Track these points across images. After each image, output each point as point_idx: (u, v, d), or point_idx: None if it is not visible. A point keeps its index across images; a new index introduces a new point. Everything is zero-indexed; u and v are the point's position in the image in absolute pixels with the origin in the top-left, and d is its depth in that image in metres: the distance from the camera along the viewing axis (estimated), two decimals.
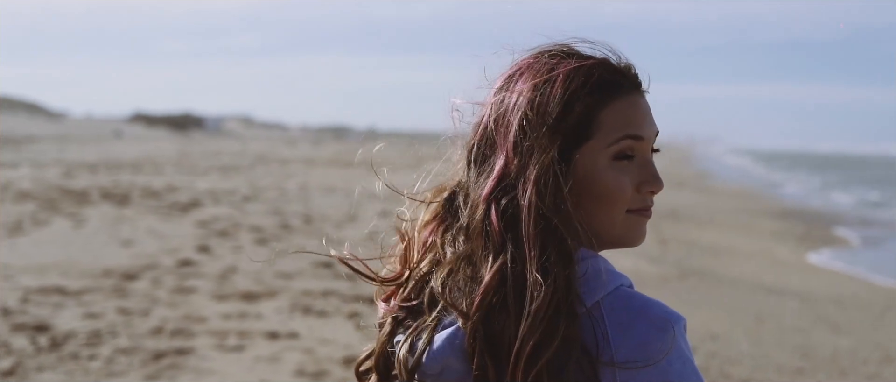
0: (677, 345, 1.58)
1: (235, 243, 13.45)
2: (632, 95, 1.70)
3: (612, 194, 1.66)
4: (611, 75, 1.69)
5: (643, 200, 1.70)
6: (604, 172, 1.66)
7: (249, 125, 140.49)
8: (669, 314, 1.60)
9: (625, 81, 1.70)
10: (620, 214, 1.68)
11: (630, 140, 1.67)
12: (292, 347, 8.30)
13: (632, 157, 1.68)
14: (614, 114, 1.67)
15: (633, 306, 1.60)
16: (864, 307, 12.68)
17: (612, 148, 1.67)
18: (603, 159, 1.66)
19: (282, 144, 68.81)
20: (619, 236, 1.70)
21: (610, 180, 1.65)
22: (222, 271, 11.30)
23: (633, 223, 1.70)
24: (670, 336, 1.58)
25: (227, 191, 21.13)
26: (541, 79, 1.68)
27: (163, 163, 31.83)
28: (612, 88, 1.68)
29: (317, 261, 12.23)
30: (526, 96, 1.67)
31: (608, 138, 1.66)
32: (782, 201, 35.06)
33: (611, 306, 1.60)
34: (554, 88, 1.66)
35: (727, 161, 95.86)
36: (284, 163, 37.63)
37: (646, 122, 1.70)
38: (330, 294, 10.30)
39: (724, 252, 17.43)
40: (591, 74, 1.68)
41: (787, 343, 9.95)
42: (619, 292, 1.62)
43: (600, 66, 1.70)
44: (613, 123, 1.67)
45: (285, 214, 17.32)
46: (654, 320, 1.59)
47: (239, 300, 9.87)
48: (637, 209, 1.70)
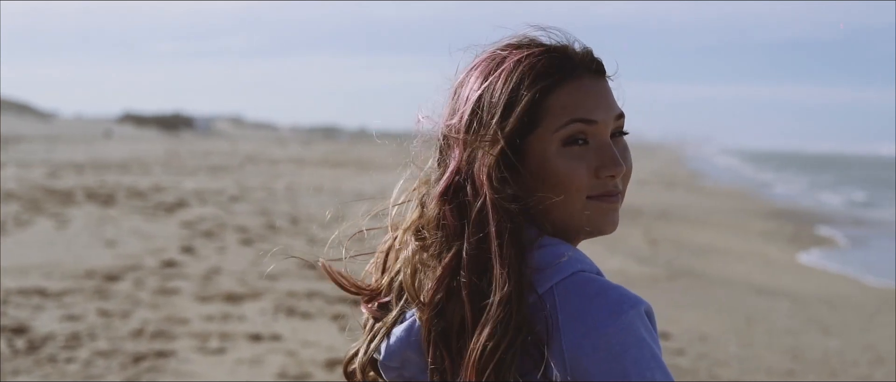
0: (633, 330, 1.54)
1: (220, 243, 13.31)
2: (582, 78, 1.68)
3: (565, 180, 1.64)
4: (558, 61, 1.68)
5: (603, 185, 1.66)
6: (554, 158, 1.64)
7: (240, 126, 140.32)
8: (625, 297, 1.57)
9: (575, 66, 1.68)
10: (580, 201, 1.65)
11: (579, 124, 1.65)
12: (275, 349, 8.16)
13: (586, 141, 1.66)
14: (561, 99, 1.66)
15: (588, 291, 1.57)
16: (855, 307, 12.58)
17: (560, 133, 1.65)
18: (553, 145, 1.65)
19: (272, 144, 68.65)
20: (583, 224, 1.67)
21: (561, 166, 1.64)
22: (206, 272, 11.16)
23: (596, 210, 1.66)
24: (624, 319, 1.54)
25: (214, 191, 20.97)
26: (489, 73, 1.68)
27: (151, 163, 31.65)
28: (560, 74, 1.67)
29: (302, 262, 12.09)
30: (475, 91, 1.68)
31: (556, 123, 1.65)
32: (773, 202, 34.98)
33: (565, 291, 1.58)
34: (499, 80, 1.66)
35: (719, 161, 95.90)
36: (273, 163, 37.47)
37: (598, 104, 1.67)
38: (314, 296, 10.17)
39: (714, 253, 17.33)
40: (538, 62, 1.67)
41: (778, 345, 9.84)
42: (575, 277, 1.59)
43: (548, 52, 1.69)
44: (560, 108, 1.65)
45: (272, 214, 17.17)
46: (606, 304, 1.55)
47: (222, 301, 9.72)
48: (598, 195, 1.66)
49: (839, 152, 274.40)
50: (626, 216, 21.69)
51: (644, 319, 1.57)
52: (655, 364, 1.54)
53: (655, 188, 36.05)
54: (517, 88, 1.65)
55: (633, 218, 21.94)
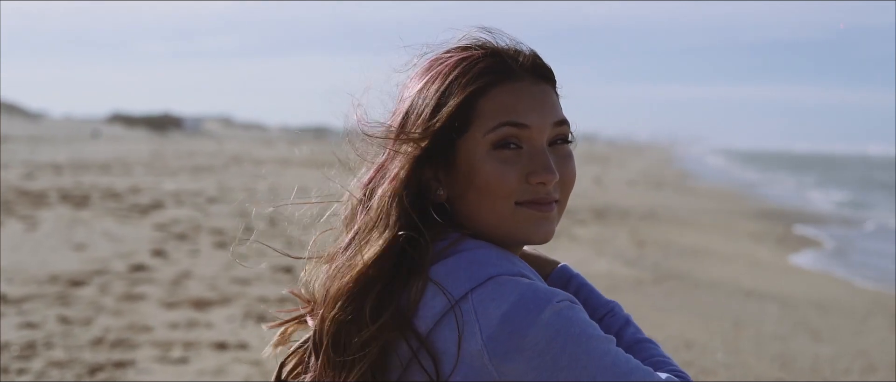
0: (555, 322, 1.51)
1: (193, 246, 12.93)
2: (519, 82, 1.65)
3: (491, 184, 1.61)
4: (495, 64, 1.65)
5: (534, 191, 1.63)
6: (482, 161, 1.62)
7: (229, 126, 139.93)
8: (541, 292, 1.53)
9: (511, 69, 1.65)
10: (507, 206, 1.62)
11: (510, 128, 1.62)
12: (240, 359, 7.80)
13: (519, 146, 1.63)
14: (493, 102, 1.63)
15: (504, 292, 1.53)
16: (846, 311, 12.25)
17: (489, 136, 1.62)
18: (481, 148, 1.62)
19: (259, 144, 68.27)
20: (510, 232, 1.64)
21: (488, 169, 1.61)
22: (175, 276, 10.78)
23: (524, 218, 1.63)
24: (544, 316, 1.50)
25: (192, 192, 20.56)
26: (427, 74, 1.69)
27: (133, 164, 31.23)
28: (495, 76, 1.64)
29: (276, 265, 11.73)
30: (412, 92, 1.69)
31: (486, 126, 1.62)
32: (763, 202, 34.74)
33: (481, 297, 1.54)
34: (435, 81, 1.66)
35: (708, 161, 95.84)
36: (258, 163, 37.07)
37: (534, 109, 1.63)
38: (287, 301, 9.78)
39: (702, 254, 17.01)
40: (474, 65, 1.65)
41: (766, 352, 9.50)
42: (492, 280, 1.56)
43: (486, 56, 1.67)
44: (491, 111, 1.63)
45: (250, 216, 16.78)
46: (525, 302, 1.52)
47: (189, 307, 9.35)
48: (527, 202, 1.63)
49: (829, 151, 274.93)
50: (614, 217, 21.39)
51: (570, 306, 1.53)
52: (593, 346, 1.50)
53: (644, 189, 35.76)
54: (449, 89, 1.64)
55: (621, 219, 21.63)
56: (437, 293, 1.58)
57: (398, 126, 1.69)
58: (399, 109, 1.71)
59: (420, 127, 1.66)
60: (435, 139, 1.65)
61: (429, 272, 1.60)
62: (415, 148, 1.65)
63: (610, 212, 21.84)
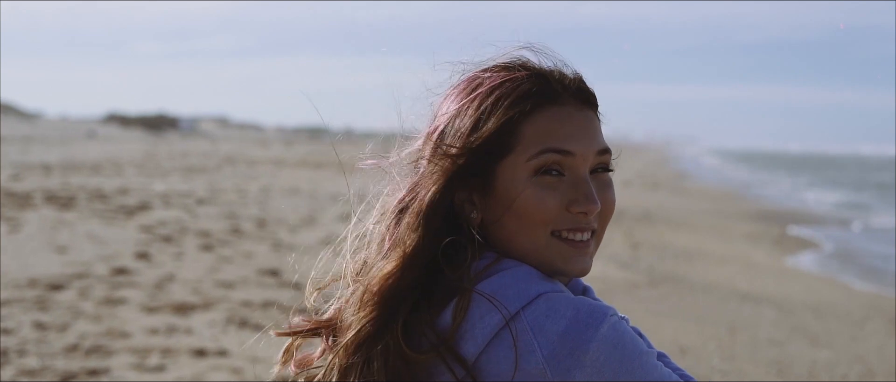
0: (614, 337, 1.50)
1: (178, 249, 12.67)
2: (564, 107, 1.60)
3: (531, 210, 1.58)
4: (540, 86, 1.61)
5: (574, 220, 1.59)
6: (523, 187, 1.58)
7: (225, 126, 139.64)
8: (598, 307, 1.52)
9: (556, 93, 1.61)
10: (543, 235, 1.59)
11: (553, 154, 1.58)
12: (219, 366, 7.56)
13: (561, 173, 1.59)
14: (537, 126, 1.59)
15: (558, 308, 1.51)
16: (843, 315, 12.04)
17: (532, 162, 1.58)
18: (523, 173, 1.59)
19: (254, 144, 68.04)
20: (546, 260, 1.60)
21: (529, 195, 1.58)
22: (158, 280, 10.53)
23: (557, 250, 1.60)
24: (603, 330, 1.49)
25: (182, 193, 20.30)
26: (466, 93, 1.64)
27: (125, 164, 30.98)
28: (539, 100, 1.59)
29: (262, 268, 11.50)
30: (450, 110, 1.64)
31: (529, 151, 1.58)
32: (759, 203, 34.55)
33: (534, 313, 1.51)
34: (475, 100, 1.61)
35: (704, 162, 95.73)
36: (252, 164, 36.82)
37: (578, 136, 1.59)
38: (270, 305, 9.56)
39: (697, 256, 16.80)
40: (517, 86, 1.60)
41: (762, 357, 9.27)
42: (541, 297, 1.53)
43: (531, 77, 1.62)
44: (535, 136, 1.59)
45: (239, 217, 16.52)
46: (582, 317, 1.50)
47: (170, 312, 9.11)
48: (564, 230, 1.59)
49: (823, 151, 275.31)
50: None
51: (623, 322, 1.53)
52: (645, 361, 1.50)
53: (639, 189, 35.52)
54: (491, 109, 1.59)
55: (616, 220, 21.36)
56: (487, 313, 1.54)
57: (434, 142, 1.64)
58: (435, 125, 1.66)
59: (458, 143, 1.61)
60: (472, 158, 1.60)
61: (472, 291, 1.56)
62: (451, 164, 1.60)
63: None
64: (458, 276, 1.57)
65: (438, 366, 1.56)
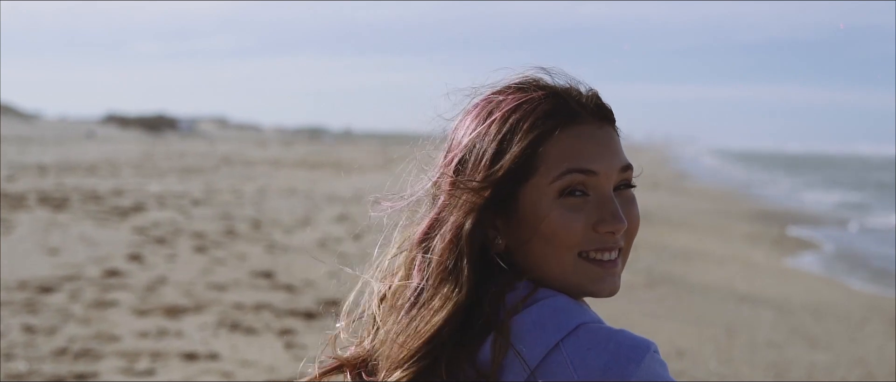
0: (654, 373, 1.48)
1: (171, 250, 12.56)
2: (584, 125, 1.58)
3: (557, 232, 1.55)
4: (558, 106, 1.58)
5: (601, 240, 1.56)
6: (548, 209, 1.55)
7: (224, 126, 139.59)
8: (640, 341, 1.49)
9: (575, 112, 1.58)
10: (571, 257, 1.56)
11: (578, 174, 1.55)
12: (209, 370, 7.45)
13: (585, 193, 1.56)
14: (559, 147, 1.56)
15: (599, 342, 1.49)
16: (843, 316, 11.92)
17: (556, 183, 1.55)
18: (548, 195, 1.55)
19: (252, 145, 67.91)
20: (575, 284, 1.57)
21: (555, 217, 1.55)
22: (150, 282, 10.42)
23: (586, 272, 1.56)
24: (645, 364, 1.47)
25: (177, 194, 20.19)
26: (484, 116, 1.60)
27: (122, 165, 30.86)
28: (559, 119, 1.57)
29: (255, 270, 11.38)
30: (468, 135, 1.60)
31: (552, 173, 1.55)
32: (758, 203, 34.45)
33: (575, 347, 1.48)
34: (494, 124, 1.58)
35: (704, 162, 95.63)
36: (249, 165, 36.71)
37: (601, 154, 1.57)
38: (263, 308, 9.45)
39: (696, 257, 16.69)
40: (536, 106, 1.57)
41: (760, 360, 9.16)
42: (582, 330, 1.50)
43: (549, 97, 1.59)
44: (557, 157, 1.56)
45: (234, 218, 16.41)
46: (624, 349, 1.48)
47: (161, 315, 9.00)
48: (594, 250, 1.56)
49: (822, 151, 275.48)
50: None
51: (658, 359, 1.51)
52: None
53: (638, 190, 35.10)
54: (512, 133, 1.56)
55: None
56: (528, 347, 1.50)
57: (453, 173, 1.59)
58: (453, 154, 1.61)
59: (481, 174, 1.56)
60: (497, 187, 1.56)
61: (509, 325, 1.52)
62: (478, 197, 1.56)
63: None
64: (494, 309, 1.54)
65: None
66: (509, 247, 1.59)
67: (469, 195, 1.56)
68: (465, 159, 1.59)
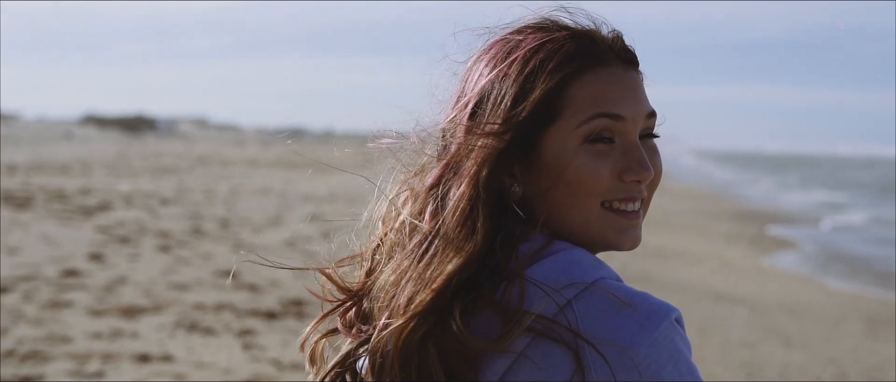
0: (667, 345, 1.38)
1: (134, 250, 12.28)
2: (611, 67, 1.51)
3: (584, 180, 1.48)
4: (585, 45, 1.52)
5: (627, 189, 1.50)
6: (574, 155, 1.48)
7: (204, 127, 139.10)
8: (655, 307, 1.40)
9: (603, 53, 1.52)
10: (595, 207, 1.49)
11: (605, 119, 1.48)
12: (162, 372, 7.20)
13: (611, 140, 1.50)
14: (586, 89, 1.49)
15: (612, 302, 1.40)
16: (818, 315, 11.75)
17: (582, 128, 1.48)
18: (573, 140, 1.48)
19: (230, 145, 67.59)
20: (597, 235, 1.50)
21: (581, 164, 1.48)
22: (109, 282, 10.14)
23: (610, 222, 1.50)
24: (657, 334, 1.38)
25: (146, 194, 19.89)
26: (502, 57, 1.52)
27: (94, 165, 30.51)
28: (585, 60, 1.50)
29: (219, 270, 11.12)
30: (485, 77, 1.52)
31: (578, 117, 1.48)
32: (737, 202, 34.37)
33: (586, 304, 1.40)
34: (514, 65, 1.50)
35: (684, 161, 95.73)
36: (226, 164, 36.41)
37: (628, 99, 1.51)
38: (223, 308, 9.20)
39: (673, 256, 16.50)
40: (560, 47, 1.51)
41: (733, 360, 8.96)
42: (597, 286, 1.42)
43: (573, 36, 1.52)
44: (584, 100, 1.49)
45: (202, 218, 16.12)
46: (635, 317, 1.39)
47: (117, 315, 8.73)
48: (618, 200, 1.50)
49: (804, 152, 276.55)
50: None
51: (678, 329, 1.41)
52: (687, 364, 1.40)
53: None
54: (535, 74, 1.49)
55: None
56: (538, 301, 1.41)
57: (468, 117, 1.51)
58: (466, 97, 1.53)
59: (501, 117, 1.48)
60: (518, 132, 1.47)
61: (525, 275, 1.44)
62: (498, 142, 1.47)
63: None
64: (507, 259, 1.45)
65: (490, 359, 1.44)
66: (527, 195, 1.51)
67: (488, 140, 1.48)
68: (482, 102, 1.51)
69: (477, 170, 1.48)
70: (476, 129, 1.49)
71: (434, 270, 1.45)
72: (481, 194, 1.47)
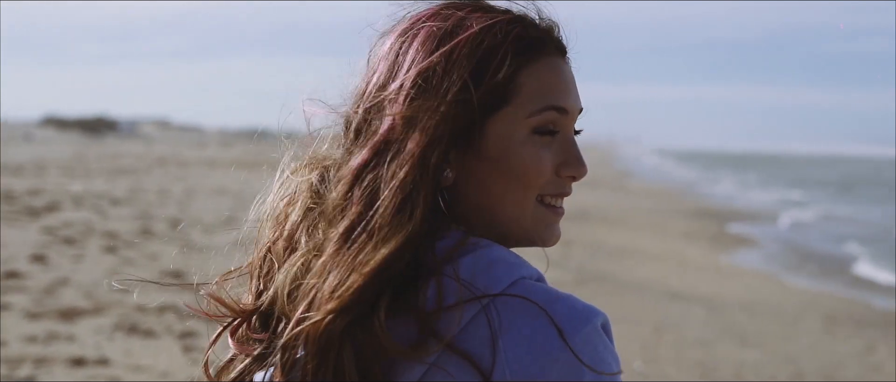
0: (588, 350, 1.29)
1: (79, 251, 11.99)
2: (554, 57, 1.44)
3: (529, 172, 1.40)
4: (532, 32, 1.44)
5: (561, 185, 1.44)
6: (521, 145, 1.40)
7: (166, 128, 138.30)
8: (577, 311, 1.30)
9: (548, 42, 1.45)
10: (531, 200, 1.41)
11: (554, 112, 1.42)
12: (96, 375, 6.97)
13: (555, 132, 1.43)
14: (536, 78, 1.41)
15: (534, 304, 1.30)
16: (776, 313, 11.63)
17: (533, 119, 1.41)
18: (522, 129, 1.41)
19: (191, 146, 67.11)
20: (527, 230, 1.43)
21: (527, 154, 1.40)
22: (50, 284, 9.86)
23: (542, 217, 1.43)
24: (578, 339, 1.29)
25: (97, 194, 19.54)
26: (447, 33, 1.41)
27: (50, 166, 30.08)
28: (533, 48, 1.43)
29: (164, 269, 10.86)
30: (427, 52, 1.41)
31: (529, 107, 1.41)
32: (699, 200, 34.40)
33: (506, 305, 1.31)
34: (462, 44, 1.40)
35: (647, 161, 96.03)
36: (184, 165, 36.03)
37: (571, 92, 1.45)
38: (166, 310, 8.95)
39: (631, 254, 16.39)
40: (509, 31, 1.42)
41: (687, 358, 8.81)
42: (518, 286, 1.32)
43: (519, 21, 1.44)
44: (535, 90, 1.41)
45: (153, 218, 15.84)
46: (560, 319, 1.29)
47: (55, 318, 8.46)
48: (551, 196, 1.43)
49: (766, 150, 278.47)
50: None
51: (601, 335, 1.31)
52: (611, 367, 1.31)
53: (577, 188, 34.70)
54: (488, 57, 1.39)
55: None
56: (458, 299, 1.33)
57: (414, 99, 1.38)
58: (401, 76, 1.40)
59: (450, 98, 1.37)
60: (468, 114, 1.38)
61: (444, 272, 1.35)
62: (445, 123, 1.37)
63: None
64: (424, 256, 1.36)
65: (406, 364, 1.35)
66: (457, 182, 1.42)
67: (435, 121, 1.37)
68: (428, 81, 1.39)
69: (422, 152, 1.38)
70: (423, 109, 1.39)
71: (366, 255, 1.35)
72: (424, 177, 1.38)
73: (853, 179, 69.63)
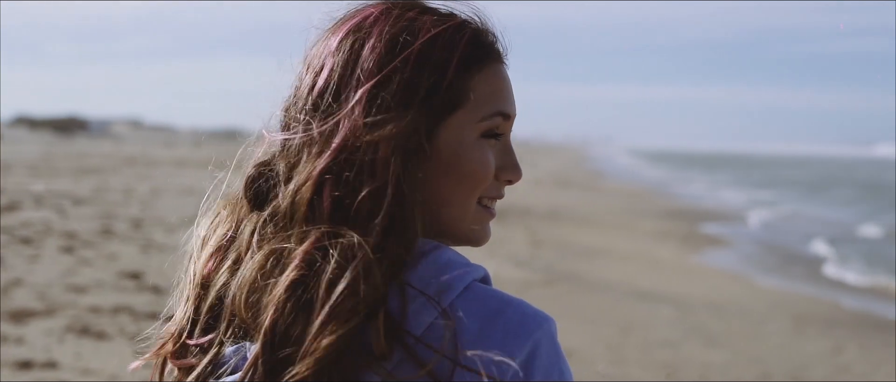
0: (539, 355, 1.31)
1: (35, 251, 11.73)
2: (500, 63, 1.49)
3: (477, 174, 1.43)
4: (482, 38, 1.47)
5: (498, 188, 1.48)
6: (471, 149, 1.43)
7: (138, 128, 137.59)
8: (532, 316, 1.33)
9: (494, 48, 1.48)
10: (473, 202, 1.45)
11: (500, 118, 1.46)
12: (43, 379, 6.75)
13: (498, 136, 1.47)
14: (485, 84, 1.45)
15: (489, 308, 1.33)
16: (744, 313, 11.51)
17: (484, 124, 1.44)
18: (472, 133, 1.43)
19: (161, 145, 66.70)
20: (465, 230, 1.46)
21: (476, 158, 1.43)
22: (3, 285, 9.61)
23: (480, 218, 1.47)
24: (529, 344, 1.31)
25: (59, 194, 19.24)
26: (399, 37, 1.41)
27: (16, 165, 29.70)
28: (483, 54, 1.46)
29: (122, 269, 10.63)
30: (381, 57, 1.39)
31: (480, 111, 1.44)
32: (671, 201, 34.36)
33: (459, 311, 1.32)
34: (417, 50, 1.41)
35: (620, 161, 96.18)
36: (153, 164, 35.70)
37: (512, 98, 1.49)
38: (121, 311, 8.72)
39: (599, 254, 16.25)
40: (460, 36, 1.44)
41: (653, 359, 8.66)
42: (470, 290, 1.34)
43: (467, 27, 1.46)
44: (485, 95, 1.44)
45: (115, 218, 15.57)
46: (507, 325, 1.32)
47: (5, 320, 8.22)
48: (488, 198, 1.47)
49: (738, 150, 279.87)
50: (512, 216, 20.48)
51: (552, 340, 1.34)
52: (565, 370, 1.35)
53: (548, 188, 35.02)
54: (444, 61, 1.41)
55: (519, 218, 20.75)
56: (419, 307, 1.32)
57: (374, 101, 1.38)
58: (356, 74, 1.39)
59: (418, 101, 1.39)
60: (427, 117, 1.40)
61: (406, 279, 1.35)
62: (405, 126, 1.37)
63: (510, 212, 20.89)
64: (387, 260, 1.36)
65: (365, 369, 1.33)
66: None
67: (401, 124, 1.37)
68: (388, 81, 1.38)
69: (385, 157, 1.37)
70: (382, 115, 1.38)
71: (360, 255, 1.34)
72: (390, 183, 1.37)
73: (824, 179, 69.90)
